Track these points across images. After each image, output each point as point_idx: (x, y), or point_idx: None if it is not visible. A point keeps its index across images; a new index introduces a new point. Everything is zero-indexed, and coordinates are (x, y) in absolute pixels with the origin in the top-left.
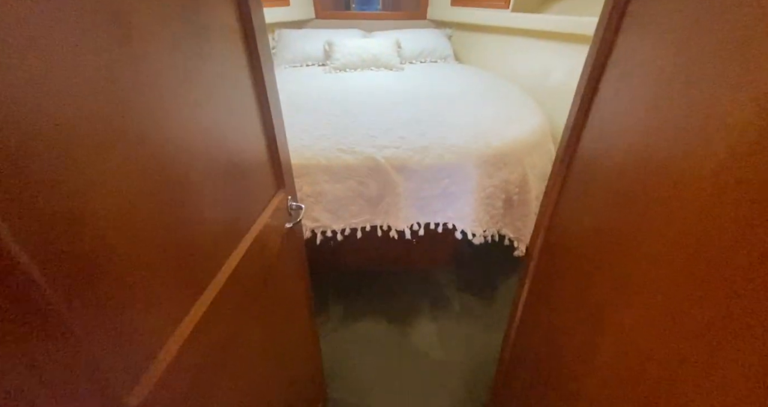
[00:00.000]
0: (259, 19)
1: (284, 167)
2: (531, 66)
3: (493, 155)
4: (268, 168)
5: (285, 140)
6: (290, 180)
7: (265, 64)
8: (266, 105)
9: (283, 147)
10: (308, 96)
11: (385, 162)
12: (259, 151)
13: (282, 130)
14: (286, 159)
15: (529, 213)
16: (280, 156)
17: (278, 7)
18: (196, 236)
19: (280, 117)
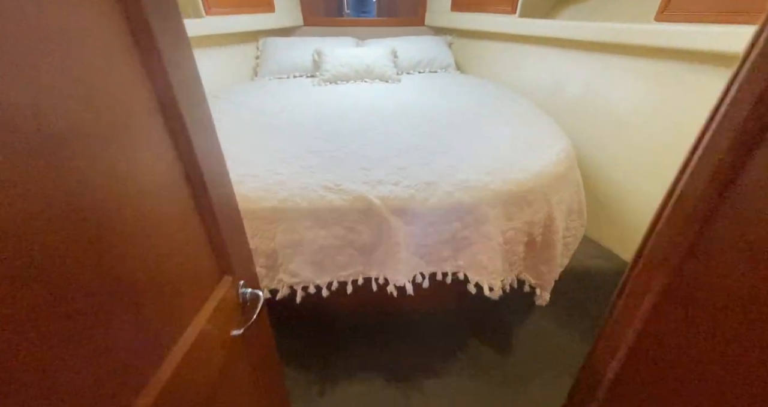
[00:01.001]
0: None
1: (230, 239)
2: (542, 77)
3: (513, 193)
4: (202, 245)
5: (230, 193)
6: (244, 255)
7: (176, 57)
8: (186, 135)
9: (226, 205)
10: (291, 115)
11: (380, 204)
12: (176, 216)
13: (223, 176)
14: (233, 223)
15: (554, 257)
16: (221, 225)
17: (262, 13)
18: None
19: (220, 158)
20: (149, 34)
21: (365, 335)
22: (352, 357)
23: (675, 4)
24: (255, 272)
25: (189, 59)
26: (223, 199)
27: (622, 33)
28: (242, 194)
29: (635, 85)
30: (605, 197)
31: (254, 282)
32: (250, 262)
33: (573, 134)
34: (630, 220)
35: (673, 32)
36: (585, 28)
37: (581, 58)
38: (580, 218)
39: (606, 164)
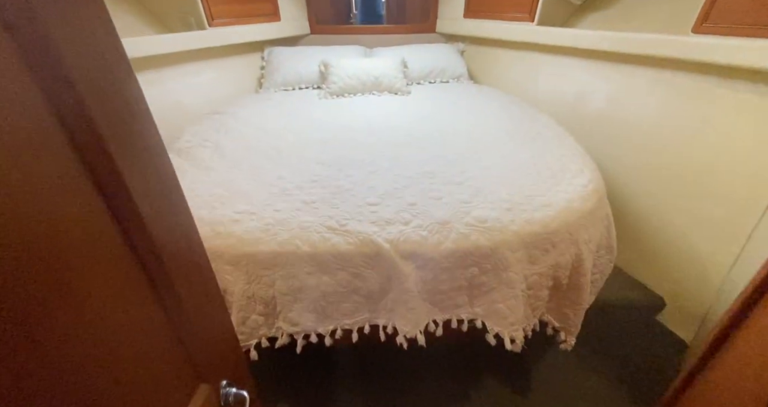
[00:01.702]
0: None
1: (208, 338)
2: (561, 88)
3: (536, 235)
4: (167, 352)
5: (209, 276)
6: (225, 349)
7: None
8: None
9: (202, 295)
10: (295, 134)
11: (389, 248)
12: (129, 315)
13: (198, 256)
14: (211, 315)
15: (581, 300)
16: (195, 323)
17: (268, 22)
18: None
19: (188, 224)
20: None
21: (368, 373)
22: (351, 395)
23: (716, 16)
24: (242, 367)
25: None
26: (197, 287)
27: (655, 44)
28: (238, 236)
29: (666, 100)
30: (632, 222)
31: (241, 378)
32: (234, 353)
33: (596, 152)
34: (660, 248)
35: (715, 46)
36: (612, 39)
37: (605, 70)
38: (609, 253)
39: (632, 186)
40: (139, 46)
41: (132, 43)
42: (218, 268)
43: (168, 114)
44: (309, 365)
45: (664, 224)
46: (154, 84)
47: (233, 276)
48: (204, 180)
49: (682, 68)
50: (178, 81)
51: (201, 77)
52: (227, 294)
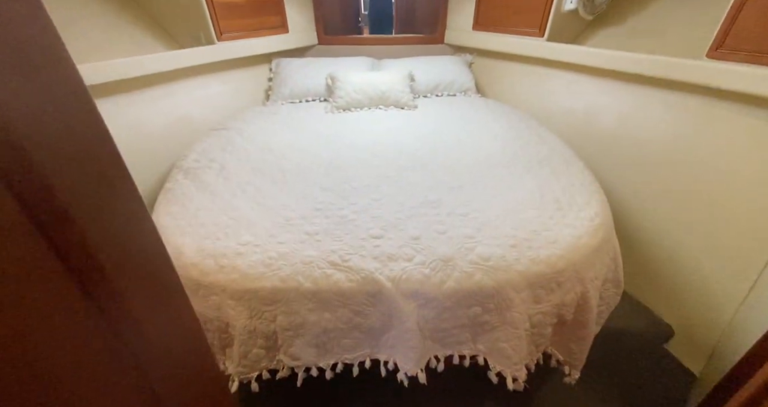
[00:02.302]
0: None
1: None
2: (571, 105)
3: (542, 274)
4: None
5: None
6: (202, 387)
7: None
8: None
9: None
10: (301, 153)
11: (391, 287)
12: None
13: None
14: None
15: (586, 336)
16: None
17: (276, 34)
18: None
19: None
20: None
21: (366, 397)
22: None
23: (732, 42)
24: (226, 400)
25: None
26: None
27: (667, 67)
28: (242, 271)
29: (678, 123)
30: (640, 245)
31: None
32: (213, 385)
33: (606, 172)
34: (669, 274)
35: (730, 72)
36: (624, 59)
37: (616, 89)
38: (616, 287)
39: (642, 208)
40: (150, 64)
41: (142, 61)
42: (222, 302)
43: (176, 128)
44: (309, 392)
45: (675, 250)
46: (163, 99)
47: (236, 311)
48: (209, 206)
49: (696, 92)
50: (187, 95)
51: (209, 90)
52: (230, 328)
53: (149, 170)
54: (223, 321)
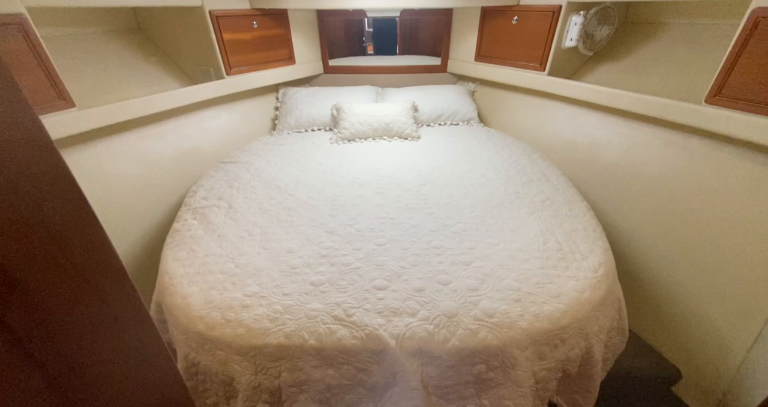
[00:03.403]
0: None
1: None
2: (574, 137)
3: (546, 331)
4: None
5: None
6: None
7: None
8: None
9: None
10: (305, 191)
11: (394, 345)
12: None
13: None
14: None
15: (591, 388)
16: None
17: (283, 66)
18: None
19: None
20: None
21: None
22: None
23: (729, 91)
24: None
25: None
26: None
27: (667, 109)
28: (247, 326)
29: (679, 162)
30: (645, 283)
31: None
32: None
33: (609, 206)
34: (675, 315)
35: (727, 118)
36: (624, 98)
37: (617, 124)
38: (621, 335)
39: (646, 246)
40: (163, 101)
41: (156, 99)
42: (227, 358)
43: (186, 159)
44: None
45: (679, 290)
46: (173, 132)
47: (241, 367)
48: (217, 252)
49: (696, 134)
50: (196, 127)
51: (217, 121)
52: (234, 382)
53: (159, 201)
54: (228, 375)
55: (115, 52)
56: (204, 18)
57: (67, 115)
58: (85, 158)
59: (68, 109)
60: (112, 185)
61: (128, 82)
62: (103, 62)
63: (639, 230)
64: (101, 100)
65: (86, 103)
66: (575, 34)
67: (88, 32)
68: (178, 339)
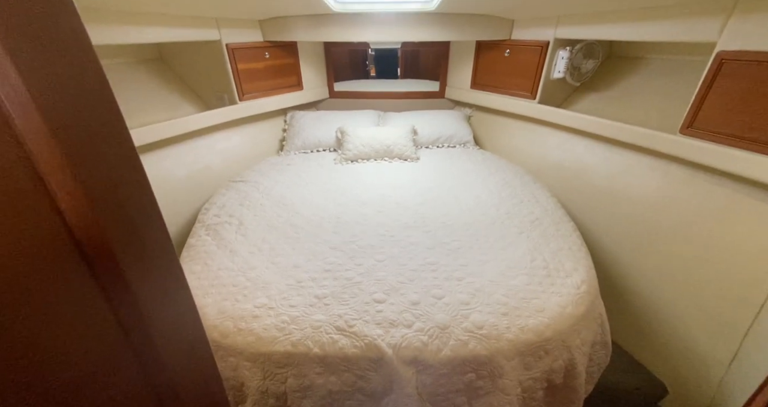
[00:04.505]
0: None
1: None
2: (564, 161)
3: (530, 343)
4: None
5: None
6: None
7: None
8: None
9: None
10: (312, 209)
11: (391, 354)
12: None
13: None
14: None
15: (576, 399)
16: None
17: (292, 92)
18: None
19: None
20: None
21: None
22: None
23: (700, 123)
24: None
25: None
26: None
27: (647, 138)
28: (257, 334)
29: (662, 187)
30: (631, 300)
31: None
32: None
33: (597, 227)
34: (660, 331)
35: (700, 148)
36: (609, 126)
37: (605, 150)
38: (605, 348)
39: (632, 264)
40: (182, 125)
41: (174, 124)
42: (238, 364)
43: (199, 179)
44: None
45: (664, 308)
46: (188, 153)
47: (251, 372)
48: (229, 266)
49: (676, 161)
50: (209, 148)
51: (229, 142)
52: (244, 387)
53: (175, 217)
54: (239, 380)
55: (139, 80)
56: (221, 50)
57: None
58: None
59: None
60: None
61: (150, 107)
62: (127, 90)
63: (625, 250)
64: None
65: None
66: (562, 67)
67: (116, 63)
68: None
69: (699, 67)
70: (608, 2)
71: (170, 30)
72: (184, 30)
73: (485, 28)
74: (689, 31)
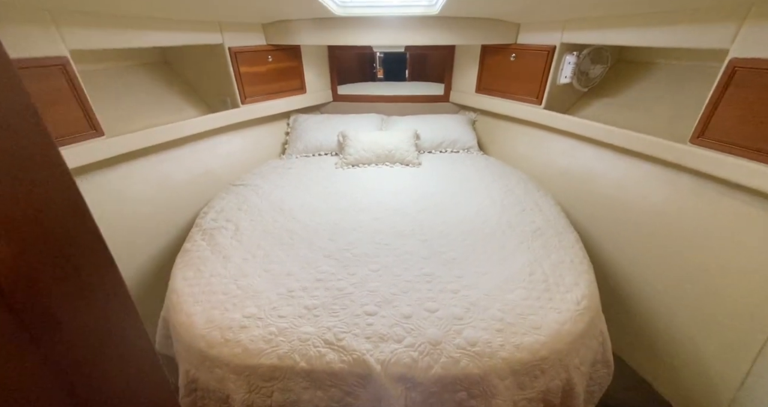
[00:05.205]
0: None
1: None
2: (569, 167)
3: (525, 362)
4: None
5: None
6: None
7: None
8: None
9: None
10: (309, 214)
11: (380, 370)
12: None
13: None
14: None
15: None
16: None
17: (295, 95)
18: None
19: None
20: None
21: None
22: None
23: (711, 133)
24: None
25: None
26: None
27: (656, 147)
28: (244, 346)
29: (670, 197)
30: (636, 313)
31: None
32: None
33: (602, 236)
34: (666, 347)
35: (711, 159)
36: (616, 134)
37: (612, 158)
38: (606, 367)
39: (638, 276)
40: (185, 128)
41: (175, 127)
42: (224, 376)
43: (199, 182)
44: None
45: (671, 322)
46: (190, 156)
47: (236, 385)
48: (221, 273)
49: (685, 171)
50: (211, 151)
51: (231, 145)
52: (230, 399)
53: (174, 220)
54: (225, 392)
55: (142, 83)
56: (223, 53)
57: (97, 143)
58: (109, 180)
59: (98, 137)
60: (132, 205)
61: (154, 110)
62: (132, 92)
63: (631, 260)
64: (128, 128)
65: (115, 130)
66: (569, 72)
67: (120, 66)
68: (181, 355)
69: (711, 74)
70: (616, 7)
71: (172, 34)
72: (186, 34)
73: (490, 32)
74: (700, 37)
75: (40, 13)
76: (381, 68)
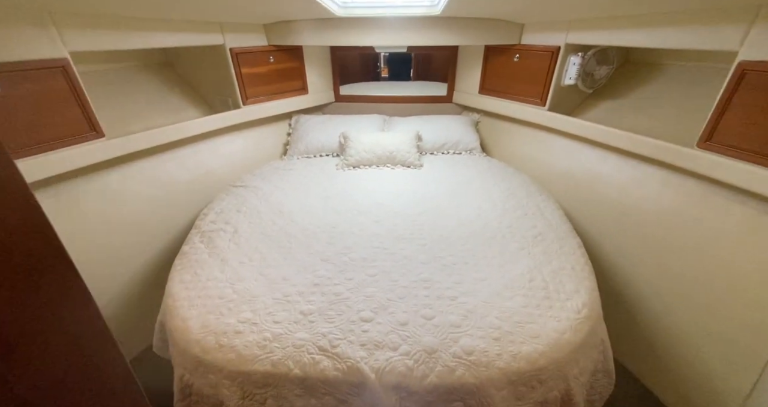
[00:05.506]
0: None
1: None
2: (573, 170)
3: (522, 372)
4: None
5: None
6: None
7: None
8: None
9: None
10: (308, 217)
11: (374, 379)
12: None
13: None
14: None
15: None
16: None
17: (297, 96)
18: None
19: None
20: None
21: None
22: None
23: (719, 137)
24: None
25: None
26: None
27: (662, 151)
28: (238, 352)
29: (676, 202)
30: (641, 320)
31: None
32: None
33: (606, 241)
34: (670, 357)
35: (718, 163)
36: (621, 137)
37: (616, 161)
38: (608, 377)
39: (642, 282)
40: (183, 130)
41: (176, 128)
42: (218, 382)
43: (200, 183)
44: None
45: (676, 330)
46: (191, 157)
47: (230, 391)
48: (218, 277)
49: (693, 176)
50: (212, 152)
51: (232, 146)
52: (223, 406)
53: (174, 222)
54: (218, 398)
55: (144, 84)
56: (225, 54)
57: (97, 144)
58: (110, 181)
59: (98, 139)
60: (132, 206)
61: (155, 110)
62: (133, 93)
63: (635, 266)
64: (128, 130)
65: (116, 131)
66: (574, 73)
67: (121, 67)
68: (176, 360)
69: (720, 76)
70: (622, 7)
71: (173, 35)
72: (187, 35)
73: (493, 33)
74: (708, 39)
75: (40, 15)
76: (386, 67)
